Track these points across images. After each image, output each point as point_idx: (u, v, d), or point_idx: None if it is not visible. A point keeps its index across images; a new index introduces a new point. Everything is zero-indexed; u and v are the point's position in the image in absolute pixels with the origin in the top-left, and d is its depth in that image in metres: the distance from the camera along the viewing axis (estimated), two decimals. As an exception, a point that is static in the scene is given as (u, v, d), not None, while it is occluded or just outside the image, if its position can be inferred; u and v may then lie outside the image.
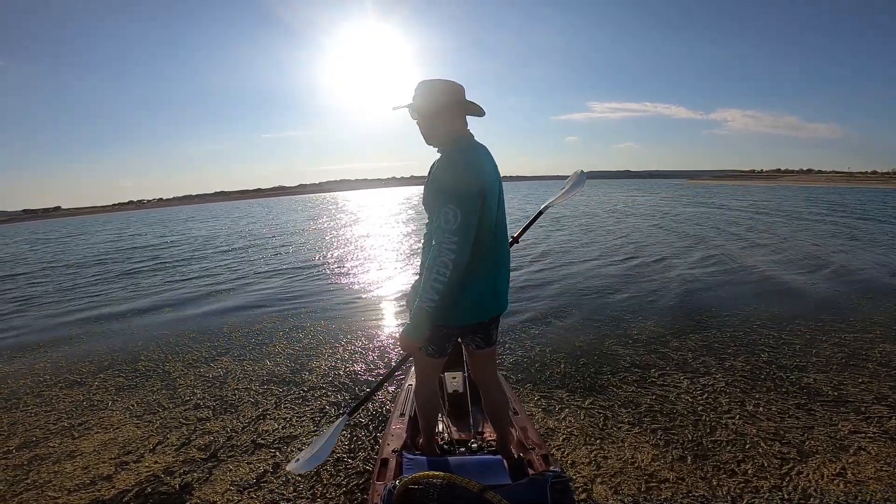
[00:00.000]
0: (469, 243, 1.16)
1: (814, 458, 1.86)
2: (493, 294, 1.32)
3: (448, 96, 1.24)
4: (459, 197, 1.13)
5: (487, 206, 1.21)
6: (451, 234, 1.12)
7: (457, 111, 1.26)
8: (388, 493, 1.04)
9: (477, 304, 1.30)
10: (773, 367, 2.72)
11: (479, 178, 1.18)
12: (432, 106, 1.24)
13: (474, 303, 1.29)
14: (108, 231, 19.56)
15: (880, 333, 3.23)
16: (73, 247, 13.42)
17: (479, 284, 1.28)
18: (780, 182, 61.80)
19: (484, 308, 1.31)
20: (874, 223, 10.47)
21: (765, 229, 9.54)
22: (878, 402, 2.29)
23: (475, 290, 1.27)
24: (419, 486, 1.01)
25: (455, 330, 1.35)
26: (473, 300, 1.29)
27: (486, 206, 1.21)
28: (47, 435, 2.30)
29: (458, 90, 1.26)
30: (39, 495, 1.82)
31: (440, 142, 1.28)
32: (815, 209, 14.87)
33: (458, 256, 1.13)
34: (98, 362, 3.34)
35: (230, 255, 8.86)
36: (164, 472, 1.93)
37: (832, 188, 37.17)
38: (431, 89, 1.24)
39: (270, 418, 2.35)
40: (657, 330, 3.41)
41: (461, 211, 1.12)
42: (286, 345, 3.48)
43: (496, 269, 1.31)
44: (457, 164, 1.18)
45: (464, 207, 1.13)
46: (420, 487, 1.01)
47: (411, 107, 1.27)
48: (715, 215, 12.91)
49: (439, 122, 1.25)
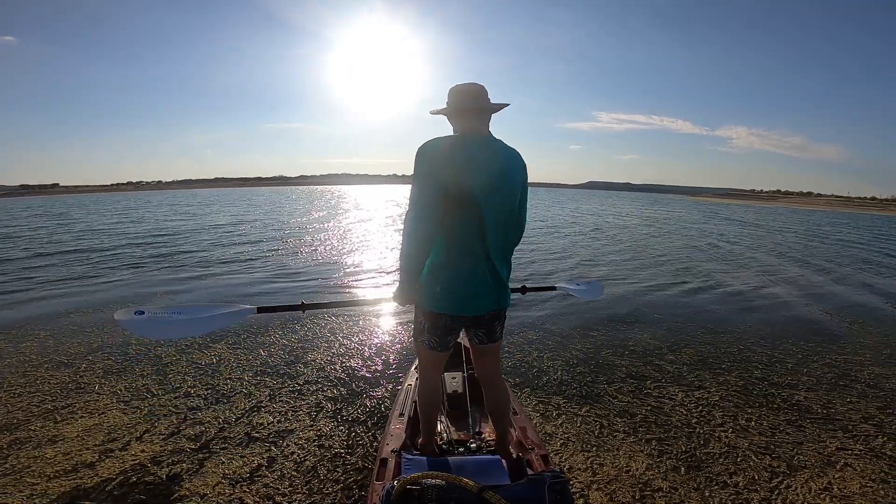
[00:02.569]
0: (426, 218, 1.25)
1: (802, 472, 1.90)
2: (490, 287, 1.35)
3: (451, 97, 1.37)
4: (419, 174, 1.27)
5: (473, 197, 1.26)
6: (411, 208, 1.28)
7: (461, 112, 1.35)
8: (386, 494, 1.03)
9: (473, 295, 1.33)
10: (766, 384, 2.77)
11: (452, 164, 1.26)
12: (447, 108, 1.39)
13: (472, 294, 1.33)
14: (104, 212, 19.15)
15: (869, 357, 3.31)
16: (72, 226, 13.12)
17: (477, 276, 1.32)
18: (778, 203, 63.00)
19: (479, 301, 1.34)
20: (865, 249, 10.73)
21: (759, 247, 9.71)
22: (865, 421, 2.35)
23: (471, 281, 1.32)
24: (418, 487, 1.01)
25: (456, 321, 1.37)
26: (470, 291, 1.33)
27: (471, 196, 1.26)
28: (29, 417, 2.21)
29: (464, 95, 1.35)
30: (17, 481, 1.74)
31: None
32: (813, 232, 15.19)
33: (413, 225, 1.26)
34: (87, 343, 3.26)
35: (227, 241, 8.75)
36: (151, 462, 1.87)
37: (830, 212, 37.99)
38: (449, 94, 1.39)
39: (265, 411, 2.31)
40: (653, 342, 3.45)
41: (417, 187, 1.26)
42: (280, 335, 3.44)
43: (487, 263, 1.34)
44: (430, 148, 1.29)
45: (421, 185, 1.26)
46: (419, 488, 1.01)
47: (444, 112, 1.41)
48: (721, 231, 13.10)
49: (452, 122, 1.40)
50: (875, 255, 9.54)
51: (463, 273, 1.32)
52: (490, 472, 1.31)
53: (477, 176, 1.28)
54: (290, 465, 1.87)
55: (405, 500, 1.01)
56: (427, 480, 1.01)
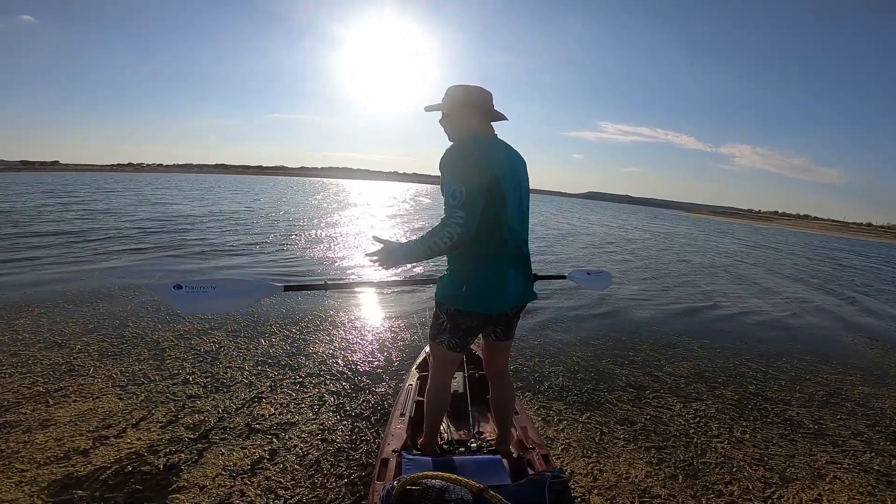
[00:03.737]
0: (474, 220, 1.22)
1: (794, 483, 1.96)
2: (518, 283, 1.38)
3: (463, 97, 1.36)
4: (465, 175, 1.21)
5: (502, 195, 1.29)
6: (458, 209, 1.20)
7: (471, 112, 1.36)
8: (387, 493, 1.03)
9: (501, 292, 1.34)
10: (760, 399, 2.82)
11: (487, 163, 1.26)
12: (450, 107, 1.38)
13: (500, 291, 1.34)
14: (105, 192, 18.73)
15: (860, 376, 3.40)
16: (71, 206, 12.82)
17: (504, 273, 1.34)
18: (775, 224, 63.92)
19: (507, 297, 1.36)
20: (859, 273, 10.98)
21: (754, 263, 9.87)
22: (854, 437, 2.43)
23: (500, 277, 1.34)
24: (419, 487, 1.01)
25: (481, 319, 1.38)
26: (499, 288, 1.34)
27: (502, 195, 1.28)
28: (19, 400, 2.12)
29: (478, 94, 1.36)
30: (6, 467, 1.66)
31: (456, 137, 1.39)
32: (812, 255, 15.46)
33: (464, 230, 1.20)
34: (83, 324, 3.19)
35: (228, 228, 8.63)
36: (148, 451, 1.81)
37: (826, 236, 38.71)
38: (454, 93, 1.38)
39: (266, 402, 2.28)
40: (652, 354, 3.49)
41: (465, 187, 1.20)
42: (282, 325, 3.40)
43: (519, 260, 1.38)
44: (464, 148, 1.27)
45: (468, 185, 1.20)
46: (419, 487, 1.01)
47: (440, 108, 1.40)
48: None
49: (456, 122, 1.38)
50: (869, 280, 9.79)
51: (490, 270, 1.33)
52: (491, 472, 1.31)
53: (506, 173, 1.32)
54: (293, 459, 1.85)
55: (406, 500, 1.00)
56: (428, 480, 1.01)
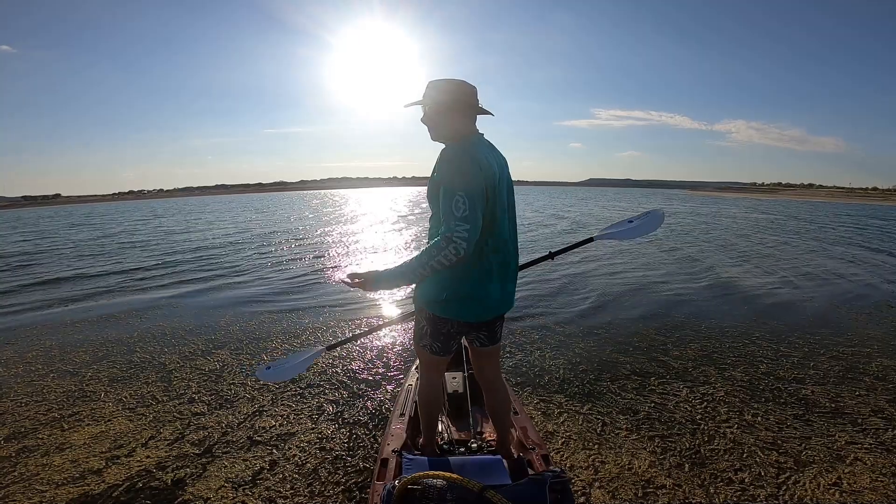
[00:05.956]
0: (477, 231, 1.17)
1: (810, 467, 1.87)
2: (500, 292, 1.32)
3: (451, 95, 1.28)
4: (466, 186, 1.16)
5: (494, 202, 1.24)
6: (461, 222, 1.14)
7: (460, 109, 1.28)
8: (387, 494, 1.03)
9: (482, 301, 1.30)
10: (772, 379, 2.73)
11: (480, 171, 1.20)
12: (435, 104, 1.29)
13: (481, 299, 1.29)
14: (105, 222, 19.39)
15: (877, 348, 3.25)
16: (73, 235, 13.31)
17: (487, 281, 1.28)
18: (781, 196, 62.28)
19: (488, 306, 1.32)
20: (873, 242, 10.58)
21: (762, 244, 9.60)
22: (874, 414, 2.31)
23: (482, 286, 1.28)
24: (419, 486, 1.01)
25: (461, 326, 1.35)
26: (480, 297, 1.29)
27: (494, 202, 1.23)
28: (36, 426, 2.25)
29: (463, 90, 1.29)
30: (26, 488, 1.78)
31: (445, 138, 1.32)
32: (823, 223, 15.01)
33: (469, 245, 1.15)
34: (92, 352, 3.30)
35: (230, 249, 8.82)
36: (157, 467, 1.90)
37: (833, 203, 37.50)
38: (437, 88, 1.29)
39: (267, 415, 2.33)
40: (658, 338, 3.42)
41: (468, 198, 1.14)
42: (283, 340, 3.46)
43: (503, 269, 1.32)
44: (462, 156, 1.21)
45: (471, 195, 1.15)
46: (420, 487, 1.00)
47: (420, 103, 1.32)
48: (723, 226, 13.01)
49: (442, 119, 1.30)
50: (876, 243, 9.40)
51: (473, 278, 1.28)
52: (491, 472, 1.30)
53: (495, 179, 1.26)
54: (292, 468, 1.88)
55: (406, 500, 1.01)
56: (428, 480, 1.01)
